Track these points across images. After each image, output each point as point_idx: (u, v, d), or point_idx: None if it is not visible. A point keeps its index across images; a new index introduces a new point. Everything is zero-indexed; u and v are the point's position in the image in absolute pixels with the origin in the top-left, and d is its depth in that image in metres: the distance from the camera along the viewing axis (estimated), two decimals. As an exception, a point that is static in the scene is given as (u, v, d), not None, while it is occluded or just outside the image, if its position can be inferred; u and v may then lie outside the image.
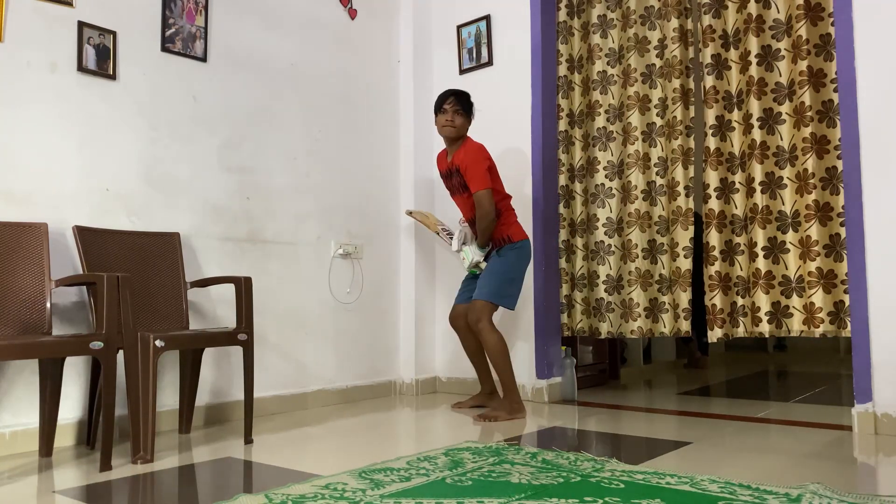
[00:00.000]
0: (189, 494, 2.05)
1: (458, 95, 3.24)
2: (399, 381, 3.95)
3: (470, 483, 1.96)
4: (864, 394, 2.68)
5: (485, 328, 3.12)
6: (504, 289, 3.19)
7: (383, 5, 4.10)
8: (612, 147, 3.65)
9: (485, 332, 3.12)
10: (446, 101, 3.23)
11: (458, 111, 3.21)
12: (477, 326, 3.13)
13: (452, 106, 3.21)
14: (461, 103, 3.22)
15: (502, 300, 3.19)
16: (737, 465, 2.19)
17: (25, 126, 2.65)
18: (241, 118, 3.34)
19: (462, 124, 3.23)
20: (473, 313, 3.15)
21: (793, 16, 3.03)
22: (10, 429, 2.53)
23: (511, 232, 3.24)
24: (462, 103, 3.23)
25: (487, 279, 3.19)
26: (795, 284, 3.00)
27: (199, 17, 3.19)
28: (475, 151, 3.19)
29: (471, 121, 3.28)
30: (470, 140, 3.27)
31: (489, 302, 3.15)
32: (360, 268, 3.81)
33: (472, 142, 3.26)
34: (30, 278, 2.51)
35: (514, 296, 3.23)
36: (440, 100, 3.25)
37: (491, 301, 3.15)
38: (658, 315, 3.48)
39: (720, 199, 3.22)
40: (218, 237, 3.21)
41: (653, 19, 3.54)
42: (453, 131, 3.22)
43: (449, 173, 3.31)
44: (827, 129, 2.94)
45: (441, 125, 3.25)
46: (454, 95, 3.24)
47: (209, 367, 3.08)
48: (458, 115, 3.21)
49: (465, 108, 3.23)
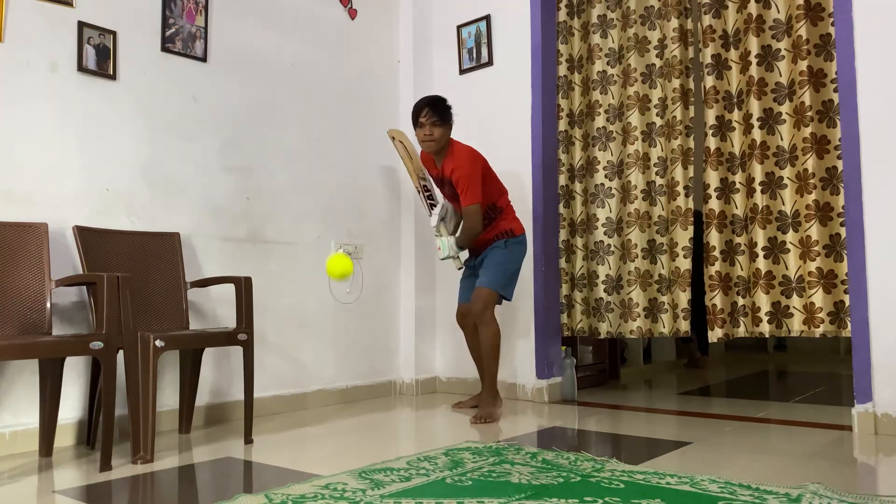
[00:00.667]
0: (189, 494, 2.05)
1: (433, 105, 3.10)
2: (399, 381, 3.95)
3: (470, 483, 1.96)
4: (864, 394, 2.68)
5: (489, 319, 3.13)
6: (508, 280, 3.21)
7: (383, 5, 4.10)
8: (611, 147, 3.65)
9: (488, 323, 3.13)
10: (421, 113, 3.10)
11: (434, 123, 3.08)
12: (482, 317, 3.12)
13: (429, 118, 3.08)
14: (437, 113, 3.08)
15: (505, 290, 3.21)
16: (737, 465, 2.19)
17: (25, 126, 2.65)
18: (241, 118, 3.34)
19: (442, 134, 3.10)
20: (479, 302, 3.13)
21: (793, 16, 3.04)
22: (10, 429, 2.53)
23: (514, 226, 3.25)
24: (438, 113, 3.08)
25: (494, 269, 3.18)
26: (796, 284, 3.00)
27: (199, 17, 3.19)
28: (466, 159, 3.09)
29: (451, 127, 3.15)
30: (457, 145, 3.16)
31: (494, 291, 3.15)
32: (360, 268, 3.81)
33: (459, 147, 3.15)
34: (30, 278, 2.51)
35: (513, 287, 3.25)
36: (415, 112, 3.13)
37: (496, 290, 3.16)
38: (657, 315, 3.48)
39: (720, 199, 3.22)
40: (218, 237, 3.21)
41: (653, 19, 3.54)
42: (433, 145, 3.11)
43: (440, 181, 3.26)
44: (827, 129, 2.94)
45: (421, 140, 3.14)
46: (428, 106, 3.09)
47: (209, 367, 3.08)
48: (436, 126, 3.08)
49: (442, 117, 3.09)
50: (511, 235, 3.22)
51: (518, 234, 3.24)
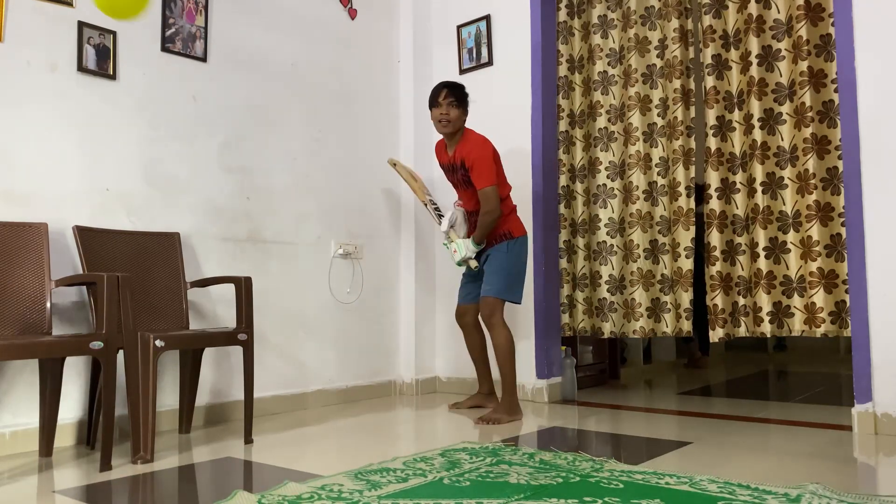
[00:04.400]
0: (189, 494, 2.05)
1: (452, 88, 3.16)
2: (399, 381, 3.95)
3: (468, 484, 1.96)
4: (864, 394, 2.67)
5: (498, 324, 3.10)
6: (513, 284, 3.17)
7: (383, 5, 4.10)
8: (613, 147, 3.65)
9: (498, 327, 3.10)
10: (440, 94, 3.15)
11: (452, 103, 3.12)
12: (490, 321, 3.10)
13: (446, 98, 3.13)
14: (455, 95, 3.14)
15: (512, 296, 3.17)
16: (736, 465, 2.19)
17: (25, 126, 2.65)
18: (241, 118, 3.34)
19: (458, 117, 3.15)
20: (486, 308, 3.12)
21: (793, 16, 3.03)
22: (10, 429, 2.53)
23: (513, 227, 3.20)
24: (456, 95, 3.14)
25: (497, 275, 3.14)
26: (797, 284, 3.00)
27: (199, 17, 3.19)
28: (481, 146, 3.12)
29: (467, 113, 3.20)
30: (471, 133, 3.21)
31: (500, 298, 3.13)
32: (360, 268, 3.81)
33: (474, 134, 3.20)
34: (30, 278, 2.51)
35: (521, 290, 3.22)
36: (434, 93, 3.18)
37: (502, 297, 3.13)
38: (660, 315, 3.48)
39: (721, 200, 3.22)
40: (218, 237, 3.21)
41: (653, 19, 3.54)
42: (449, 125, 3.14)
43: (452, 167, 3.24)
44: (827, 130, 2.94)
45: (436, 119, 3.17)
46: (447, 87, 3.16)
47: (209, 367, 3.08)
48: (453, 107, 3.13)
49: (459, 100, 3.15)
50: (510, 237, 3.18)
51: (517, 235, 3.20)
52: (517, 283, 3.20)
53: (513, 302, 3.20)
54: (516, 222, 3.23)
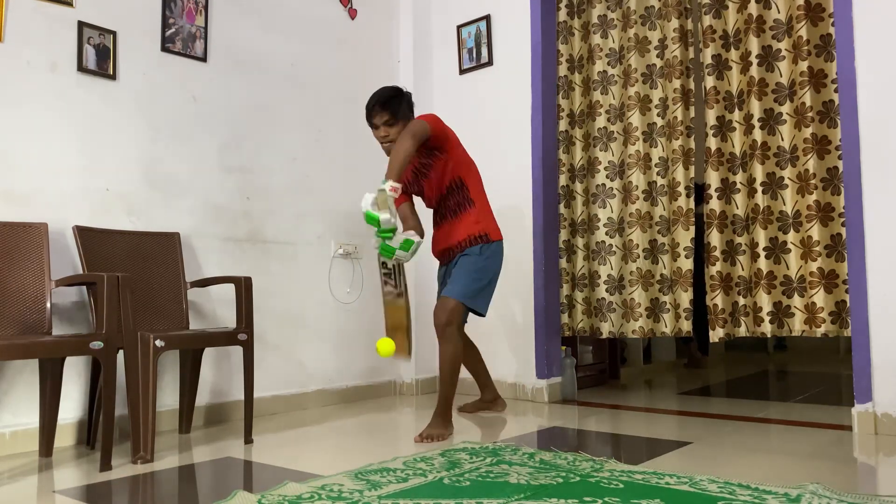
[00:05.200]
0: (189, 494, 2.05)
1: (383, 104, 2.79)
2: (399, 381, 3.95)
3: (468, 483, 1.96)
4: (864, 394, 2.67)
5: (451, 333, 2.70)
6: (482, 291, 2.80)
7: (383, 5, 4.10)
8: (612, 147, 3.65)
9: (450, 337, 2.70)
10: (372, 115, 2.81)
11: (387, 122, 2.79)
12: (444, 331, 2.69)
13: (380, 118, 2.80)
14: (389, 111, 2.79)
15: (476, 303, 2.79)
16: (736, 465, 2.19)
17: (26, 126, 2.65)
18: (241, 118, 3.34)
19: (398, 132, 2.77)
20: (443, 313, 2.71)
21: (793, 16, 3.03)
22: (10, 429, 2.53)
23: (489, 229, 2.84)
24: (390, 110, 2.79)
25: (465, 277, 2.76)
26: (797, 284, 3.00)
27: (199, 17, 3.19)
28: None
29: (408, 117, 2.84)
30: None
31: (462, 303, 2.74)
32: (360, 268, 3.81)
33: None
34: (30, 278, 2.51)
35: (488, 300, 2.84)
36: (367, 114, 2.84)
37: (465, 303, 2.74)
38: (659, 315, 3.48)
39: (721, 200, 3.22)
40: (218, 237, 3.21)
41: (653, 19, 3.54)
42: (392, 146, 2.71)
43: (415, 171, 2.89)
44: (828, 130, 2.94)
45: (379, 141, 2.86)
46: (378, 104, 2.80)
47: (209, 367, 3.08)
48: (390, 127, 2.79)
49: (394, 114, 2.79)
50: (486, 241, 2.81)
51: (494, 239, 2.83)
52: (486, 291, 2.82)
53: (476, 313, 2.82)
54: (493, 224, 2.87)
